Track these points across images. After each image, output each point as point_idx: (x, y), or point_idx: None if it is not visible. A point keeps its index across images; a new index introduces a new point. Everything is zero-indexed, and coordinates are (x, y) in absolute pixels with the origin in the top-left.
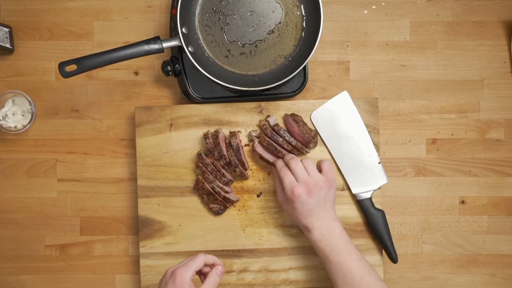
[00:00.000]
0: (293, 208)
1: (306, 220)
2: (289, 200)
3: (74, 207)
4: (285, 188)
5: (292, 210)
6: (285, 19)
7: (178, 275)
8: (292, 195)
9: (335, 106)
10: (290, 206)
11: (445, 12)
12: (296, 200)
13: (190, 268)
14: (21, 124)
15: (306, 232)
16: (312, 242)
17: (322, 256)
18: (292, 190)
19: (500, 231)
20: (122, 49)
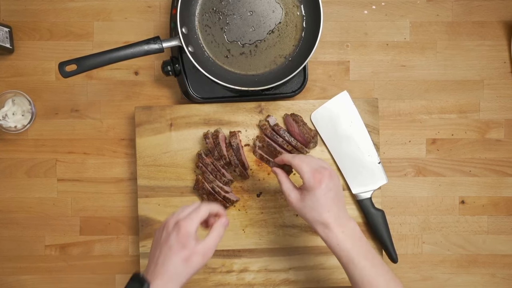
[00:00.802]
0: (314, 199)
1: (328, 214)
2: (308, 190)
3: (74, 207)
4: (305, 174)
5: (311, 203)
6: (285, 19)
7: (182, 227)
8: (315, 180)
9: (335, 106)
10: (310, 198)
11: (445, 12)
12: (318, 186)
13: (195, 219)
14: (21, 124)
15: (324, 230)
16: (332, 242)
17: (346, 259)
18: (314, 174)
19: (500, 231)
20: (122, 49)
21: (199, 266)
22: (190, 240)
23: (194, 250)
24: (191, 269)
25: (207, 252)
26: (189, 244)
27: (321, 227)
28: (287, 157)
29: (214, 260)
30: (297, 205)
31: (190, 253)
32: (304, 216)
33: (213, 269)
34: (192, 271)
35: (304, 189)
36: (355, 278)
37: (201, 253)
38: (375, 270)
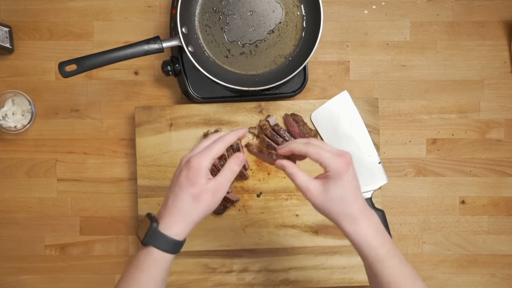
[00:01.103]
0: (342, 187)
1: (356, 206)
2: (334, 177)
3: (74, 207)
4: (328, 160)
5: (339, 194)
6: (285, 19)
7: (193, 163)
8: (341, 164)
9: (335, 106)
10: (336, 187)
11: (445, 12)
12: (346, 171)
13: (207, 155)
14: (21, 124)
15: (351, 225)
16: (360, 239)
17: (374, 258)
18: (338, 158)
19: (500, 231)
20: (122, 49)
21: (209, 205)
22: (200, 177)
23: (203, 187)
24: (201, 208)
25: (217, 189)
26: (199, 181)
27: (349, 221)
28: (297, 146)
29: (214, 260)
30: (320, 199)
31: (200, 191)
32: (328, 211)
33: (213, 269)
34: (202, 211)
35: (328, 178)
36: (381, 279)
37: (211, 191)
38: (402, 270)
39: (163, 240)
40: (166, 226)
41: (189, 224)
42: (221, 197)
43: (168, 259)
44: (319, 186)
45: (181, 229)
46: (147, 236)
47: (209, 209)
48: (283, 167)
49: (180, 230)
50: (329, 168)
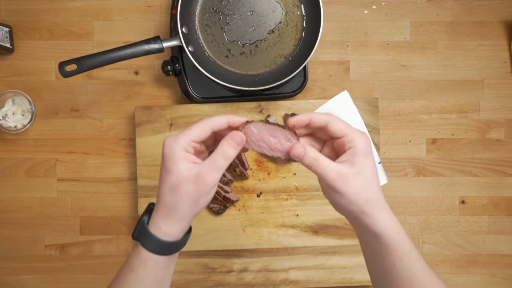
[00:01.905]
0: (371, 168)
1: (381, 192)
2: (364, 155)
3: (74, 207)
4: (353, 135)
5: (370, 175)
6: (285, 19)
7: (165, 146)
8: (368, 140)
9: (335, 106)
10: (366, 167)
11: (445, 12)
12: (370, 149)
13: (182, 136)
14: (21, 124)
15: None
16: (392, 230)
17: (402, 251)
18: (363, 135)
19: (500, 231)
20: (122, 48)
21: (194, 196)
22: (174, 163)
23: (181, 175)
24: (183, 200)
25: (201, 176)
26: (174, 168)
27: (378, 209)
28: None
29: (214, 260)
30: (356, 184)
31: (177, 180)
32: (360, 198)
33: (213, 269)
34: (186, 204)
35: (355, 156)
36: (405, 272)
37: (192, 178)
38: (425, 264)
39: (150, 239)
40: (153, 224)
41: (175, 222)
42: (209, 185)
43: (158, 260)
44: (349, 170)
45: (168, 228)
46: (136, 230)
47: (195, 201)
48: (302, 155)
49: (167, 229)
50: (356, 143)
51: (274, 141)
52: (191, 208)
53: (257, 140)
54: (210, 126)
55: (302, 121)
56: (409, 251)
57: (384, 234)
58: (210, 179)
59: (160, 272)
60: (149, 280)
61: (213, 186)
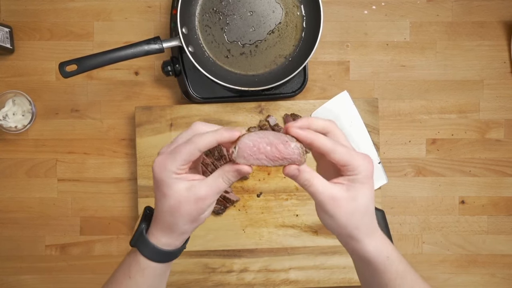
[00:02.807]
0: (368, 194)
1: (374, 215)
2: (364, 182)
3: (74, 207)
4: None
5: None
6: (285, 19)
7: (155, 171)
8: (371, 166)
9: (335, 106)
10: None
11: (445, 13)
12: (372, 174)
13: (172, 163)
14: (21, 124)
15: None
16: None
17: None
18: (368, 160)
19: (500, 231)
20: (122, 49)
21: (193, 215)
22: (169, 188)
23: (180, 196)
24: (185, 220)
25: (201, 199)
26: (170, 192)
27: (369, 235)
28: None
29: (214, 260)
30: (348, 210)
31: (176, 202)
32: (348, 224)
33: (213, 269)
34: (187, 222)
35: (354, 182)
36: None
37: (192, 200)
38: (420, 281)
39: (149, 248)
40: (152, 235)
41: (176, 236)
42: (209, 204)
43: (156, 267)
44: (344, 194)
45: (168, 241)
46: (135, 237)
47: (196, 219)
48: (296, 175)
49: (167, 241)
50: (358, 171)
51: (271, 150)
52: (192, 224)
53: (253, 153)
54: (198, 149)
55: (303, 141)
56: (402, 273)
57: (372, 259)
58: (210, 201)
59: (157, 278)
60: (146, 286)
61: (213, 204)
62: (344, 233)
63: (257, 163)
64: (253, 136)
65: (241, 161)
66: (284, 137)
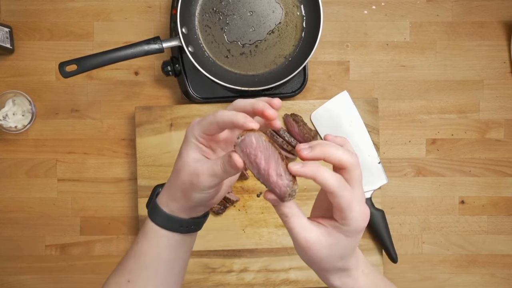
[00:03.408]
0: (349, 244)
1: (356, 255)
2: (349, 234)
3: (74, 207)
4: (354, 212)
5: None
6: (285, 19)
7: (188, 128)
8: (366, 218)
9: (335, 106)
10: (344, 243)
11: (445, 13)
12: (361, 230)
13: (197, 126)
14: (21, 124)
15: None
16: None
17: None
18: (365, 212)
19: (500, 231)
20: (122, 49)
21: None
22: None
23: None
24: (179, 186)
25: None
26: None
27: (339, 275)
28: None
29: (214, 260)
30: (319, 254)
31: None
32: (320, 265)
33: (213, 269)
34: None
35: (339, 230)
36: None
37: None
38: None
39: (154, 208)
40: (160, 195)
41: (174, 200)
42: (202, 184)
43: (160, 234)
44: (322, 239)
45: (169, 202)
46: (149, 199)
47: (187, 192)
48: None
49: (168, 203)
50: (350, 223)
51: (264, 167)
52: (182, 196)
53: (250, 154)
54: (216, 122)
55: (304, 176)
56: None
57: None
58: (203, 180)
59: (164, 250)
60: (152, 254)
61: (208, 188)
62: (313, 268)
63: (248, 165)
64: (260, 142)
65: (238, 151)
66: (282, 169)
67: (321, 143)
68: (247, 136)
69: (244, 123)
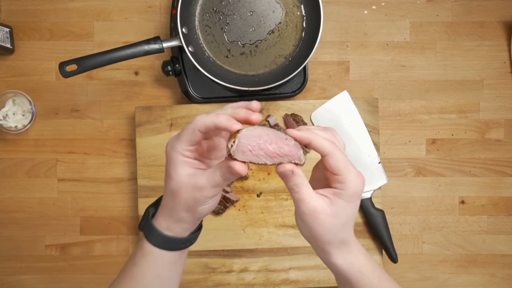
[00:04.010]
0: (350, 211)
1: (352, 228)
2: (349, 199)
3: (74, 207)
4: (349, 175)
5: (345, 218)
6: (285, 19)
7: (166, 149)
8: (362, 185)
9: (335, 106)
10: (346, 210)
11: (445, 13)
12: (360, 195)
13: (177, 142)
14: (21, 124)
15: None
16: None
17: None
18: (360, 178)
19: (500, 231)
20: (122, 49)
21: (189, 203)
22: (174, 169)
23: (180, 181)
24: (183, 206)
25: (197, 189)
26: (173, 174)
27: (340, 249)
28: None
29: (214, 260)
30: (325, 222)
31: (176, 186)
32: (325, 237)
33: (213, 269)
34: (185, 209)
35: (338, 196)
36: None
37: (189, 188)
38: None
39: (153, 232)
40: (156, 220)
41: (176, 222)
42: (206, 197)
43: (160, 255)
44: (326, 207)
45: (169, 226)
46: (142, 220)
47: (192, 209)
48: (285, 175)
49: (169, 226)
50: (345, 187)
51: (272, 146)
52: (188, 214)
53: (253, 148)
54: (197, 128)
55: (301, 140)
56: (377, 285)
57: (343, 272)
58: (206, 193)
59: (163, 269)
60: (151, 275)
61: (211, 198)
62: (317, 245)
63: (256, 160)
64: (253, 131)
65: (239, 156)
66: (284, 135)
67: (309, 128)
68: (240, 138)
69: (229, 125)
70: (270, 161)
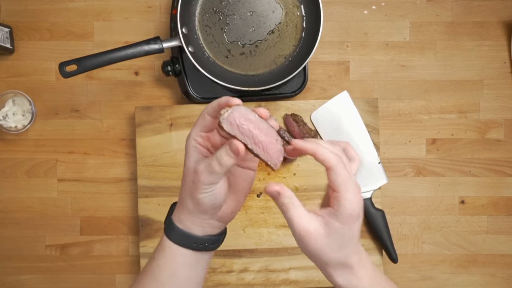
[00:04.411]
0: (347, 233)
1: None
2: (344, 221)
3: (74, 207)
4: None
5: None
6: (285, 19)
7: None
8: (361, 205)
9: (335, 106)
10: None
11: (445, 12)
12: (360, 215)
13: (193, 128)
14: (21, 124)
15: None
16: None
17: None
18: (359, 198)
19: (500, 231)
20: (122, 49)
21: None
22: (187, 156)
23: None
24: (185, 192)
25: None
26: (186, 161)
27: (342, 270)
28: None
29: (214, 260)
30: (319, 245)
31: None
32: (320, 257)
33: (213, 269)
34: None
35: (335, 217)
36: None
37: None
38: None
39: (170, 226)
40: (174, 211)
41: (186, 214)
42: (203, 184)
43: (177, 251)
44: (320, 228)
45: (180, 217)
46: (167, 218)
47: (192, 195)
48: (273, 195)
49: (181, 219)
50: (343, 205)
51: (260, 137)
52: (192, 202)
53: (241, 124)
54: (206, 112)
55: (305, 151)
56: None
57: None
58: (203, 178)
59: (179, 267)
60: (168, 271)
61: (209, 186)
62: (316, 263)
63: (239, 136)
64: (250, 115)
65: (225, 126)
66: (275, 136)
67: (315, 140)
68: (234, 109)
69: (228, 100)
70: (250, 145)
